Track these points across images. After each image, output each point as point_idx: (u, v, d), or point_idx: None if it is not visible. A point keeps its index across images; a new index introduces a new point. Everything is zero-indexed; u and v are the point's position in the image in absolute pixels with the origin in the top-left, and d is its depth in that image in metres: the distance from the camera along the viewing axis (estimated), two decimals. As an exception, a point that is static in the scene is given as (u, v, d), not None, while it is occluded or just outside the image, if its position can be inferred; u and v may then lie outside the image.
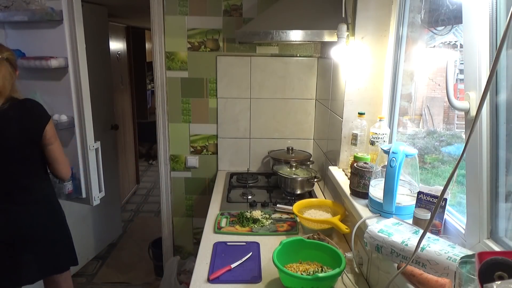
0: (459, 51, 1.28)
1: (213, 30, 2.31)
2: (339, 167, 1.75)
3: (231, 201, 1.99)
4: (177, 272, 2.40)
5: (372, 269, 1.28)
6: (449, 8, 1.22)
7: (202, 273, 1.34)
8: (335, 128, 1.83)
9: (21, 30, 2.10)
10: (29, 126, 1.60)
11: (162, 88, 2.38)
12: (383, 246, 1.02)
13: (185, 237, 2.65)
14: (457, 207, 1.19)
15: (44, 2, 1.99)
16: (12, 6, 2.03)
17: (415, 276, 0.92)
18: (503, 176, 0.92)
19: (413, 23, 1.50)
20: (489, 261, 0.59)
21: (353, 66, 1.63)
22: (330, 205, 1.74)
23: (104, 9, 3.21)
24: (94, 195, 2.15)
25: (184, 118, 2.44)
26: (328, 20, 1.68)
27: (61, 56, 1.99)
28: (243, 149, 2.50)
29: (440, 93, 1.51)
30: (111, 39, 3.72)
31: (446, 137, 1.47)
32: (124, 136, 4.30)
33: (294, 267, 1.27)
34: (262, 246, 1.52)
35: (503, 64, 0.89)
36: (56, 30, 1.99)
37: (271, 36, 1.70)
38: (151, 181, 5.13)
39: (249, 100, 2.42)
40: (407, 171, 1.25)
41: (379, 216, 1.23)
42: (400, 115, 1.61)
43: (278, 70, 2.37)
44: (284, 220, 1.74)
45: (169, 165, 2.51)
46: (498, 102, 0.90)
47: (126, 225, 3.86)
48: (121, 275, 2.99)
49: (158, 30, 2.29)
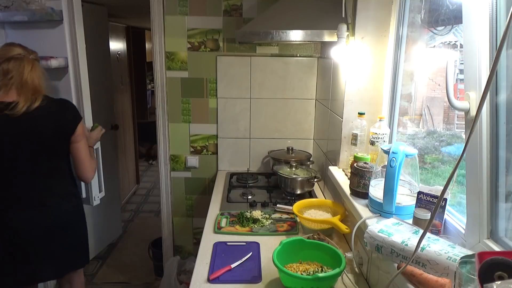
0: (459, 51, 1.28)
1: (213, 30, 2.31)
2: (339, 167, 1.75)
3: (231, 201, 1.99)
4: (177, 272, 2.40)
5: (372, 269, 1.28)
6: (449, 8, 1.22)
7: (202, 273, 1.34)
8: (335, 128, 1.83)
9: (21, 30, 2.10)
10: (64, 123, 1.65)
11: (162, 88, 2.38)
12: (383, 246, 1.02)
13: (185, 237, 2.65)
14: (457, 207, 1.19)
15: (44, 2, 1.99)
16: (12, 6, 2.03)
17: (415, 276, 0.92)
18: (503, 176, 0.92)
19: (413, 23, 1.50)
20: (489, 261, 0.59)
21: (353, 66, 1.63)
22: (330, 205, 1.74)
23: (104, 9, 3.21)
24: (94, 195, 2.14)
25: (184, 118, 2.44)
26: (328, 20, 1.68)
27: (61, 56, 1.99)
28: (243, 149, 2.50)
29: (440, 93, 1.51)
30: (111, 39, 3.72)
31: (446, 137, 1.47)
32: (124, 136, 4.30)
33: (294, 267, 1.27)
34: (262, 246, 1.52)
35: (503, 64, 0.89)
36: (56, 30, 1.99)
37: (271, 36, 1.70)
38: (151, 181, 5.13)
39: (249, 100, 2.42)
40: (407, 171, 1.25)
41: (379, 216, 1.23)
42: (400, 115, 1.61)
43: (278, 70, 2.37)
44: (284, 220, 1.74)
45: (169, 165, 2.51)
46: (498, 102, 0.90)
47: (126, 225, 3.86)
48: (121, 275, 2.99)
49: (158, 30, 2.29)
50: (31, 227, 1.64)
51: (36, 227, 1.66)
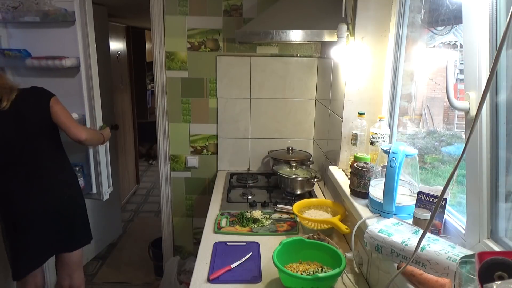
0: (459, 51, 1.28)
1: (213, 30, 2.31)
2: (339, 167, 1.75)
3: (231, 201, 1.99)
4: (177, 272, 2.40)
5: (372, 269, 1.28)
6: (449, 8, 1.22)
7: (202, 273, 1.34)
8: (335, 128, 1.83)
9: (25, 30, 2.13)
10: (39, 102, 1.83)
11: (162, 88, 2.38)
12: (383, 246, 1.02)
13: (185, 237, 2.65)
14: (457, 207, 1.19)
15: (54, 3, 2.02)
16: (21, 7, 2.05)
17: (415, 276, 0.92)
18: (503, 176, 0.92)
19: (413, 23, 1.50)
20: (489, 261, 0.59)
21: (353, 66, 1.63)
22: (330, 205, 1.74)
23: (104, 9, 3.20)
24: (104, 190, 2.25)
25: (184, 118, 2.44)
26: (328, 20, 1.68)
27: (71, 55, 2.05)
28: (243, 149, 2.50)
29: (440, 93, 1.51)
30: (111, 39, 3.72)
31: (446, 137, 1.47)
32: (124, 136, 4.30)
33: (294, 267, 1.27)
34: (262, 246, 1.52)
35: (503, 64, 0.89)
36: (65, 30, 2.05)
37: (271, 36, 1.70)
38: (151, 181, 5.13)
39: (249, 100, 2.42)
40: (407, 171, 1.25)
41: (379, 216, 1.23)
42: (400, 115, 1.61)
43: (278, 70, 2.37)
44: (284, 220, 1.74)
45: (169, 165, 2.51)
46: (498, 102, 0.90)
47: (126, 225, 3.86)
48: (121, 275, 2.99)
49: (158, 30, 2.29)
50: (33, 206, 1.81)
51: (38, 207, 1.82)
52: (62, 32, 2.06)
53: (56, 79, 2.11)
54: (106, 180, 2.26)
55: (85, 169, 2.22)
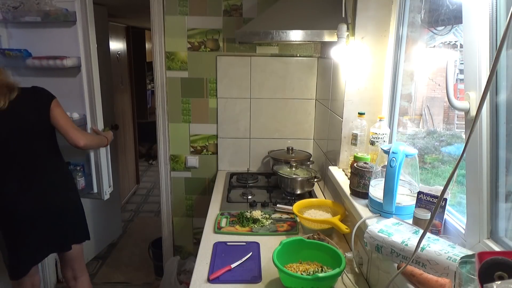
0: (459, 51, 1.28)
1: (213, 30, 2.31)
2: (339, 167, 1.75)
3: (231, 201, 1.99)
4: (177, 272, 2.40)
5: (372, 269, 1.28)
6: (449, 8, 1.22)
7: (202, 273, 1.34)
8: (335, 128, 1.83)
9: (26, 30, 2.14)
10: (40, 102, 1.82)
11: (162, 88, 2.38)
12: (383, 246, 1.02)
13: (185, 237, 2.65)
14: (457, 207, 1.19)
15: (55, 4, 2.02)
16: (21, 7, 2.05)
17: (415, 276, 0.92)
18: (503, 176, 0.92)
19: (413, 23, 1.50)
20: (489, 261, 0.59)
21: (353, 66, 1.63)
22: (330, 205, 1.74)
23: (104, 9, 3.20)
24: (105, 190, 2.25)
25: (184, 118, 2.44)
26: (328, 20, 1.68)
27: (71, 55, 2.06)
28: (243, 149, 2.50)
29: (440, 93, 1.51)
30: (111, 39, 3.72)
31: (446, 137, 1.47)
32: (124, 136, 4.30)
33: (294, 267, 1.27)
34: (262, 246, 1.52)
35: (503, 64, 0.89)
36: (66, 30, 2.06)
37: (271, 36, 1.70)
38: (151, 181, 5.13)
39: (249, 100, 2.42)
40: (407, 171, 1.25)
41: (379, 216, 1.23)
42: (400, 115, 1.61)
43: (278, 70, 2.37)
44: (284, 220, 1.74)
45: (169, 165, 2.51)
46: (498, 102, 0.90)
47: (126, 225, 3.86)
48: (121, 275, 2.99)
49: (158, 30, 2.29)
50: (29, 206, 1.80)
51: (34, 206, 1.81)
52: (63, 32, 2.07)
53: (57, 79, 2.12)
54: (106, 179, 2.26)
55: (86, 168, 2.23)
